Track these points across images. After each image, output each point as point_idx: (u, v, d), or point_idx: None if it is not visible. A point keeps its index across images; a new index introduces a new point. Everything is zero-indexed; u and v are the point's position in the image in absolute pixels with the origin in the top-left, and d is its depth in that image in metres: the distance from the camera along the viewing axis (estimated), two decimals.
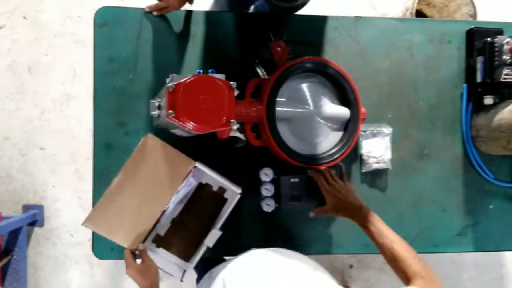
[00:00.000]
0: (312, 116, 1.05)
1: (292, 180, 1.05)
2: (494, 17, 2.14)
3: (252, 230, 1.15)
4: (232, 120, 0.86)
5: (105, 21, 1.13)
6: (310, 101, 1.06)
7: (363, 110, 1.09)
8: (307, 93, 1.07)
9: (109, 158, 1.12)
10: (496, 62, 1.12)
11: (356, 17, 1.22)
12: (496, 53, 1.12)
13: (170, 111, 0.82)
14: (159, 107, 0.92)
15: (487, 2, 2.11)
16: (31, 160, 1.98)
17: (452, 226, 1.21)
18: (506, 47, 1.11)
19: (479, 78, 1.18)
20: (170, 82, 0.86)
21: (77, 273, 1.96)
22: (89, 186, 1.12)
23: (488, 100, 1.17)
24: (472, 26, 1.22)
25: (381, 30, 1.22)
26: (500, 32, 1.19)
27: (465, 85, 1.22)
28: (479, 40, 1.19)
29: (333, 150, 1.07)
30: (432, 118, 1.22)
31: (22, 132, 1.99)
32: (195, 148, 1.13)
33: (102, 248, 1.12)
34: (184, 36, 1.15)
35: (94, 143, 1.12)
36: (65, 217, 1.97)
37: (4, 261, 1.82)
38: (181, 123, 0.83)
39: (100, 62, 1.13)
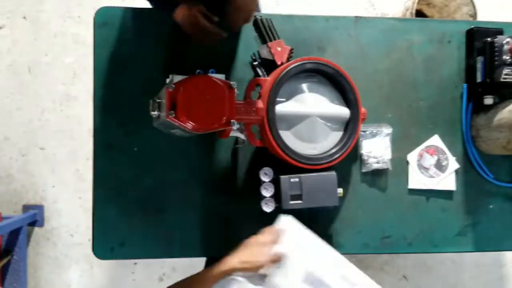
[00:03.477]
0: (312, 116, 1.05)
1: (292, 180, 1.05)
2: (494, 17, 2.14)
3: (252, 231, 1.15)
4: (232, 120, 0.86)
5: (105, 21, 1.13)
6: (310, 101, 1.06)
7: (363, 110, 1.09)
8: (307, 93, 1.07)
9: (109, 158, 1.12)
10: (496, 62, 1.12)
11: (356, 17, 1.22)
12: (496, 53, 1.12)
13: (170, 111, 0.82)
14: (159, 107, 0.92)
15: (487, 2, 2.11)
16: (31, 160, 1.98)
17: (452, 226, 1.21)
18: (506, 47, 1.11)
19: (479, 78, 1.18)
20: (170, 82, 0.86)
21: (77, 273, 1.97)
22: (89, 186, 1.12)
23: (488, 100, 1.17)
24: (472, 26, 1.22)
25: (381, 30, 1.22)
26: (500, 32, 1.19)
27: (465, 85, 1.21)
28: (479, 40, 1.19)
29: (333, 150, 1.07)
30: (432, 118, 1.22)
31: (22, 132, 1.99)
32: (195, 148, 1.14)
33: (102, 248, 1.12)
34: (184, 36, 1.15)
35: (94, 143, 1.12)
36: (65, 217, 1.97)
37: (4, 261, 1.82)
38: (181, 123, 0.83)
39: (100, 62, 1.13)
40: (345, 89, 1.08)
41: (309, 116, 1.05)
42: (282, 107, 1.04)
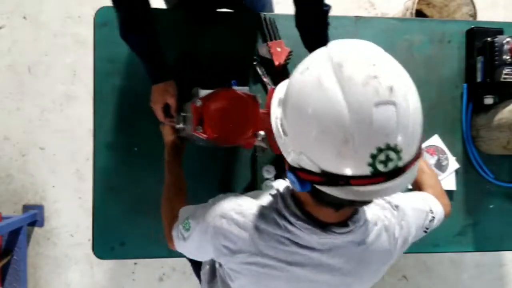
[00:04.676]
0: None
1: None
2: (494, 17, 2.13)
3: None
4: (257, 132, 0.86)
5: (105, 21, 1.14)
6: None
7: None
8: None
9: (109, 158, 1.12)
10: (496, 62, 1.12)
11: (356, 17, 1.22)
12: (496, 53, 1.12)
13: (197, 126, 0.82)
14: (184, 121, 0.92)
15: (487, 2, 2.11)
16: (31, 160, 1.98)
17: (452, 226, 1.21)
18: (506, 47, 1.11)
19: (479, 78, 1.18)
20: (195, 95, 0.87)
21: (77, 273, 1.96)
22: (89, 186, 1.12)
23: (488, 100, 1.17)
24: (472, 26, 1.22)
25: (381, 30, 1.22)
26: (500, 32, 1.19)
27: (465, 85, 1.21)
28: (479, 40, 1.19)
29: None
30: (432, 118, 1.22)
31: (22, 132, 1.99)
32: (195, 148, 1.14)
33: (102, 248, 1.12)
34: (184, 35, 1.15)
35: (94, 143, 1.13)
36: (65, 217, 1.97)
37: (4, 261, 1.81)
38: (209, 137, 0.83)
39: (100, 62, 1.13)
40: None
41: None
42: None
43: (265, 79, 1.15)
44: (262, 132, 0.87)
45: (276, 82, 1.14)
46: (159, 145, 1.13)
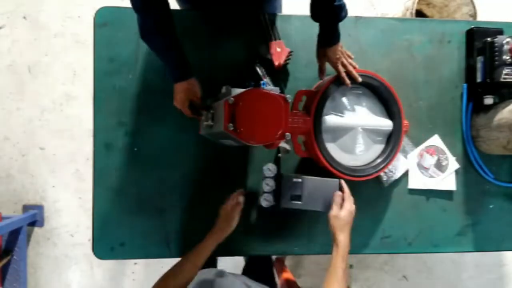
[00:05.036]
0: (356, 128, 1.06)
1: (294, 180, 1.04)
2: (494, 17, 2.13)
3: (251, 228, 1.15)
4: (286, 133, 0.86)
5: (105, 21, 1.14)
6: (354, 114, 1.07)
7: (405, 122, 1.09)
8: (352, 106, 1.08)
9: (109, 158, 1.12)
10: (496, 62, 1.12)
11: (356, 17, 1.22)
12: (496, 53, 1.12)
13: (229, 124, 0.82)
14: (212, 118, 0.93)
15: (487, 2, 2.11)
16: (31, 160, 1.98)
17: (452, 226, 1.21)
18: (506, 47, 1.11)
19: (479, 78, 1.18)
20: (225, 93, 0.87)
21: (77, 273, 1.97)
22: (89, 186, 1.12)
23: (488, 100, 1.17)
24: (472, 26, 1.22)
25: (381, 30, 1.22)
26: (500, 32, 1.19)
27: (465, 85, 1.21)
28: (479, 40, 1.19)
29: (378, 161, 1.07)
30: (432, 118, 1.21)
31: (22, 132, 1.99)
32: (195, 149, 1.14)
33: (102, 248, 1.12)
34: (183, 35, 1.15)
35: (94, 143, 1.13)
36: (65, 217, 1.97)
37: (4, 261, 1.82)
38: (239, 136, 0.83)
39: (100, 62, 1.13)
40: (389, 102, 1.08)
41: (353, 128, 1.06)
42: (329, 119, 1.05)
43: (265, 80, 1.15)
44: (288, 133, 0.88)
45: (276, 83, 1.14)
46: (159, 145, 1.13)
